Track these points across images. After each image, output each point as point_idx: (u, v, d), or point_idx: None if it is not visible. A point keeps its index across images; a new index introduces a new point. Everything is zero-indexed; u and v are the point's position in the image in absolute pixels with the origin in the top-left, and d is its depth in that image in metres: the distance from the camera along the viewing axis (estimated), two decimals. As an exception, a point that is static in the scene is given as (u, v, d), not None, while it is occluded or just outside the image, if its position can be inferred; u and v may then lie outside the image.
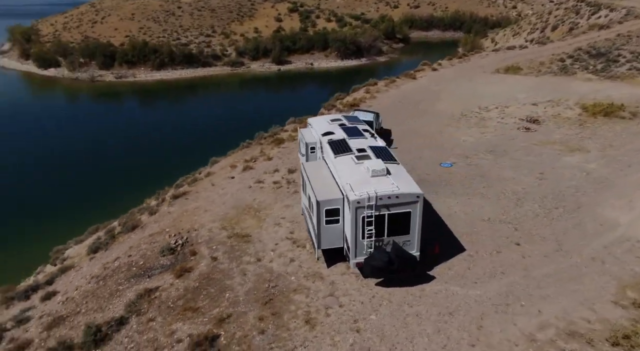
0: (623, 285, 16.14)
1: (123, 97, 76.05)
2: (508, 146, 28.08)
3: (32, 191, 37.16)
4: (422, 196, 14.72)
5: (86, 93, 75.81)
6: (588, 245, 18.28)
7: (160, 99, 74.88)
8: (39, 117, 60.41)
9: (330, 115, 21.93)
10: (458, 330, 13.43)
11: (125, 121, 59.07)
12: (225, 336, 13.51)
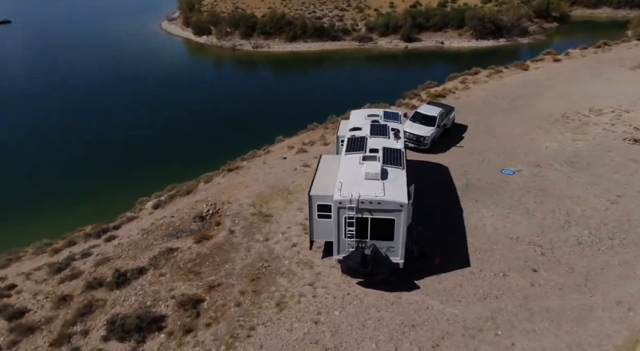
0: (636, 338, 14.60)
1: (256, 65, 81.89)
2: (596, 159, 25.42)
3: (151, 144, 43.31)
4: (406, 205, 14.85)
5: (226, 60, 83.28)
6: (622, 287, 16.58)
7: (287, 70, 79.06)
8: (181, 79, 68.67)
9: (372, 110, 22.21)
10: (411, 344, 13.77)
11: (243, 90, 64.08)
12: (208, 302, 15.66)
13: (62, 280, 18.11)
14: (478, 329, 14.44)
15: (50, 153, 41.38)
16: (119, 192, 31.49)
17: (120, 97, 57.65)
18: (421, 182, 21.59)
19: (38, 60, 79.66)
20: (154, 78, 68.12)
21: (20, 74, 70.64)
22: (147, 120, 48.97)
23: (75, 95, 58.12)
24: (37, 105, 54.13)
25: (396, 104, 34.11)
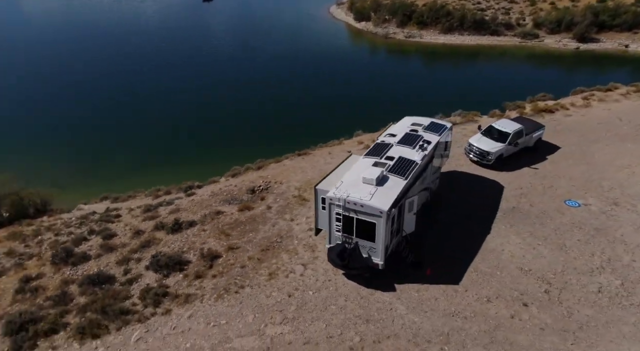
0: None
1: (403, 55, 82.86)
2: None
3: (269, 119, 48.62)
4: (386, 213, 16.45)
5: (376, 47, 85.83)
6: (617, 345, 16.00)
7: (431, 62, 78.51)
8: (323, 60, 73.72)
9: (422, 119, 23.11)
10: (356, 333, 15.77)
11: (375, 76, 66.13)
12: (223, 259, 19.51)
13: (145, 219, 23.72)
14: (427, 340, 15.62)
15: (206, 116, 49.61)
16: (228, 159, 36.61)
17: (262, 75, 64.93)
18: (462, 196, 22.31)
19: (233, 37, 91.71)
20: (299, 57, 74.30)
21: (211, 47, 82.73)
22: (277, 97, 54.81)
23: (233, 71, 67.31)
24: (213, 75, 64.43)
25: (489, 114, 33.37)
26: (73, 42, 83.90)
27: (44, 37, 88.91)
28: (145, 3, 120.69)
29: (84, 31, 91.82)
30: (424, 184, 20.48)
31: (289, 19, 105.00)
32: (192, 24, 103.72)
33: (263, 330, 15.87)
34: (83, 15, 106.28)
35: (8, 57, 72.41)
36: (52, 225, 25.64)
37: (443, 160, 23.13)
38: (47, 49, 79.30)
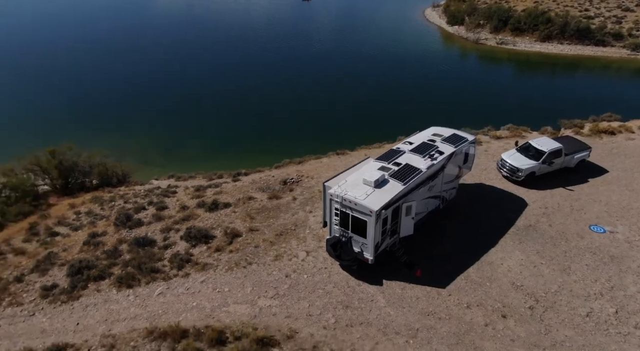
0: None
1: (490, 61, 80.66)
2: None
3: (337, 117, 51.25)
4: (375, 213, 18.23)
5: (464, 52, 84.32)
6: None
7: (520, 71, 75.61)
8: (407, 61, 74.45)
9: (444, 130, 24.10)
10: (333, 316, 17.86)
11: (451, 81, 65.54)
12: (242, 238, 22.48)
13: (193, 197, 27.52)
14: (396, 331, 17.28)
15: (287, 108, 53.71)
16: (289, 152, 39.51)
17: (341, 74, 67.49)
18: (480, 208, 23.17)
19: (323, 35, 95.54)
20: (382, 58, 75.72)
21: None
22: (349, 96, 57.22)
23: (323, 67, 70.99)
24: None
25: (540, 130, 32.89)
26: (177, 37, 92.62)
27: (165, 30, 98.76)
28: (248, 1, 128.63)
29: (190, 27, 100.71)
30: (432, 192, 21.70)
31: (381, 20, 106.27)
32: (290, 21, 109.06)
33: (256, 301, 18.51)
34: (191, 15, 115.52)
35: (123, 45, 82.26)
36: (125, 194, 30.41)
37: (462, 171, 23.96)
38: (159, 43, 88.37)
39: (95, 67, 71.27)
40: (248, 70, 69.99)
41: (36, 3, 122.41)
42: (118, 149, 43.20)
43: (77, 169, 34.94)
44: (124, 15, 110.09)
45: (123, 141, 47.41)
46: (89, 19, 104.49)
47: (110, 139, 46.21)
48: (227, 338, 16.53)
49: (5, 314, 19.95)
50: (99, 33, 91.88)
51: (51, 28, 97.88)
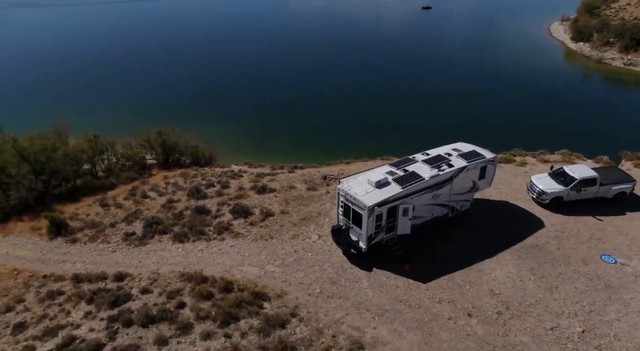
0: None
1: (609, 83, 75.89)
2: None
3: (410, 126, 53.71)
4: (368, 208, 21.61)
5: (580, 72, 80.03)
6: None
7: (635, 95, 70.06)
8: (516, 77, 73.33)
9: (466, 146, 26.18)
10: (319, 287, 21.74)
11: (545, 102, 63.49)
12: (273, 218, 27.10)
13: (251, 181, 32.90)
14: (367, 309, 20.61)
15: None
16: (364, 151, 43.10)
17: (443, 85, 69.32)
18: (493, 223, 25.27)
19: (438, 44, 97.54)
20: (490, 71, 75.53)
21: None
22: (440, 106, 59.41)
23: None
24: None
25: (595, 159, 32.75)
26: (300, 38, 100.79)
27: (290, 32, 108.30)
28: (370, 10, 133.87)
29: (312, 33, 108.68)
30: (437, 200, 24.29)
31: (502, 32, 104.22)
32: (409, 29, 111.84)
33: (264, 266, 23.02)
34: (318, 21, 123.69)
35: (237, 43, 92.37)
36: (205, 173, 36.87)
37: (478, 185, 25.92)
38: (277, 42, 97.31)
39: (210, 68, 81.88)
40: (354, 76, 75.09)
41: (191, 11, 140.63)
42: (216, 137, 50.76)
43: (177, 149, 42.48)
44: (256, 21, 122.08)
45: (222, 130, 55.11)
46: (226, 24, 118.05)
47: (210, 127, 54.13)
48: (233, 288, 21.25)
49: (98, 248, 26.84)
50: (220, 39, 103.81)
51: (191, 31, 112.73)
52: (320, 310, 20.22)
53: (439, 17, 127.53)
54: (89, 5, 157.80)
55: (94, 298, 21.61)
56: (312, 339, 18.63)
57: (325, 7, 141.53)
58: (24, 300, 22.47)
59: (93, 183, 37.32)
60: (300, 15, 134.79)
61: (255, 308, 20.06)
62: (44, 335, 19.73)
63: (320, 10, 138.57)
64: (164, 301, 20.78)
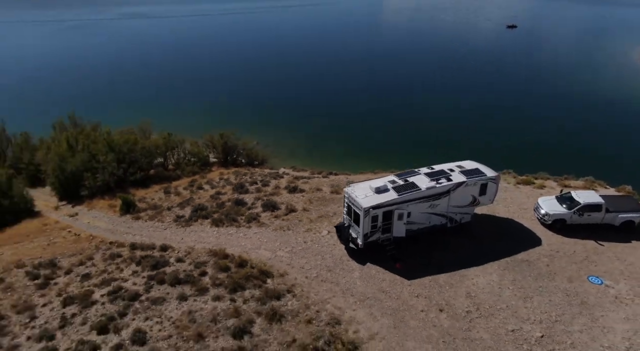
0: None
1: None
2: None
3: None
4: (364, 210, 25.21)
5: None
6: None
7: None
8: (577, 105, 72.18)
9: (475, 164, 28.70)
10: (316, 272, 25.73)
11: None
12: (295, 214, 31.37)
13: (288, 182, 37.55)
14: (352, 294, 24.16)
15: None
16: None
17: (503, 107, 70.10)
18: (491, 237, 27.81)
19: (538, 66, 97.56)
20: (556, 97, 74.88)
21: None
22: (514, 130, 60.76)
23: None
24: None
25: (617, 188, 33.47)
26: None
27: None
28: (457, 27, 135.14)
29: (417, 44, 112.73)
30: (435, 210, 27.22)
31: (586, 54, 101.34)
32: (492, 48, 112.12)
33: (276, 251, 27.40)
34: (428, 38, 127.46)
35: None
36: (254, 173, 42.21)
37: (479, 200, 28.38)
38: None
39: (285, 78, 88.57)
40: (429, 95, 78.27)
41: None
42: (276, 141, 56.40)
43: (235, 150, 48.42)
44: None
45: (282, 136, 60.73)
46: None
47: (272, 133, 59.90)
48: (247, 265, 25.84)
49: (154, 225, 32.76)
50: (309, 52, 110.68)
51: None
52: (312, 290, 24.12)
53: (524, 36, 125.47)
54: (188, 17, 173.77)
55: (141, 261, 27.20)
56: (299, 311, 22.60)
57: (412, 24, 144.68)
58: (93, 258, 28.60)
59: (163, 173, 44.09)
60: (384, 31, 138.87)
61: (260, 282, 24.43)
62: (101, 283, 25.50)
63: (406, 26, 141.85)
64: (191, 269, 25.84)
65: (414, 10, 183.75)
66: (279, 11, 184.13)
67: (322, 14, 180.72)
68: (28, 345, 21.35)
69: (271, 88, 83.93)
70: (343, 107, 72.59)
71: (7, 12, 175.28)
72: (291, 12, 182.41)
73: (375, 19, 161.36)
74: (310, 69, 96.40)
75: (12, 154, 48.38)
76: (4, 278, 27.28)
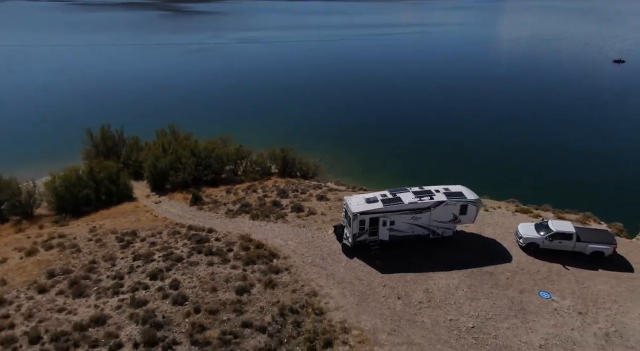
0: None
1: None
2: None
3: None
4: (353, 214, 32.20)
5: None
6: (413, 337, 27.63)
7: None
8: None
9: (461, 188, 34.07)
10: (311, 259, 33.23)
11: None
12: (315, 216, 39.20)
13: (321, 192, 45.47)
14: (333, 277, 31.18)
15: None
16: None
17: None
18: (467, 252, 33.23)
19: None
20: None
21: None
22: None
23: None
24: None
25: (610, 224, 36.47)
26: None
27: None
28: (562, 58, 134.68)
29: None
30: (417, 222, 33.24)
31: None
32: (589, 83, 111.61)
33: (287, 241, 35.19)
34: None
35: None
36: (301, 183, 50.69)
37: (460, 219, 33.81)
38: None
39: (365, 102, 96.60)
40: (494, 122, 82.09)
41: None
42: (335, 158, 64.69)
43: (294, 163, 57.37)
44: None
45: (342, 155, 68.72)
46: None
47: (336, 151, 68.18)
48: (262, 247, 34.06)
49: (210, 215, 42.37)
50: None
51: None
52: (304, 271, 31.58)
53: (629, 72, 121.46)
54: (292, 43, 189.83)
55: (191, 237, 36.61)
56: (289, 283, 30.17)
57: (513, 54, 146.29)
58: (161, 233, 38.61)
59: (231, 177, 54.30)
60: (488, 62, 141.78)
61: (267, 260, 32.43)
62: (161, 249, 35.16)
63: (507, 56, 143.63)
64: (222, 246, 34.62)
65: (521, 41, 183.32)
66: (381, 38, 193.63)
67: (433, 41, 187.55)
68: (107, 280, 31.29)
69: (353, 112, 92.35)
70: (418, 134, 78.63)
71: (141, 36, 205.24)
72: (394, 39, 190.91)
73: (485, 50, 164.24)
74: (399, 96, 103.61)
75: (124, 153, 61.86)
76: (101, 238, 38.14)
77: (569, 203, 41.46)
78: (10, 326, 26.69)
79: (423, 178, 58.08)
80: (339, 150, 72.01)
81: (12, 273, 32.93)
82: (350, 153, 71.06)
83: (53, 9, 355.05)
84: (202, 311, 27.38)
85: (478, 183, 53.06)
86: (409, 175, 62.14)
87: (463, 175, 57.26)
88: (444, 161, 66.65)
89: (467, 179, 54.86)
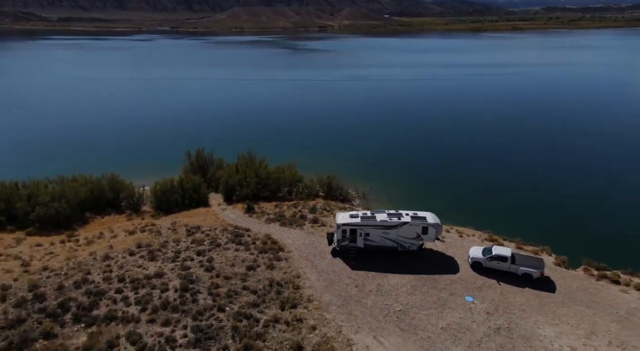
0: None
1: None
2: None
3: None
4: (337, 224, 44.33)
5: None
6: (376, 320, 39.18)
7: None
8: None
9: (428, 214, 44.39)
10: (305, 255, 45.85)
11: None
12: (323, 227, 51.95)
13: (340, 209, 57.99)
14: (316, 269, 43.43)
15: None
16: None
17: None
18: (430, 263, 43.78)
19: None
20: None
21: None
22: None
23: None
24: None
25: (580, 268, 43.93)
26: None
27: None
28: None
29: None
30: (387, 236, 44.15)
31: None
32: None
33: (295, 241, 47.99)
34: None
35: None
36: (334, 204, 63.44)
37: (422, 238, 44.05)
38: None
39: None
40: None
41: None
42: (385, 187, 76.09)
43: (337, 188, 70.26)
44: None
45: (398, 185, 79.28)
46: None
47: (391, 181, 79.24)
48: (276, 243, 47.45)
49: (255, 220, 56.96)
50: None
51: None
52: (297, 262, 44.18)
53: None
54: (395, 81, 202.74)
55: (233, 233, 51.29)
56: (283, 268, 43.03)
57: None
58: (216, 229, 53.77)
59: (285, 197, 68.51)
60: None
61: (275, 251, 45.64)
62: (210, 239, 50.21)
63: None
64: (250, 241, 48.57)
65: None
66: (486, 78, 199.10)
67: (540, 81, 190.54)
68: (170, 253, 46.71)
69: (428, 152, 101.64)
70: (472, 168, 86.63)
71: (259, 72, 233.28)
72: (477, 80, 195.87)
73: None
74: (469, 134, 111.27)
75: (211, 170, 79.48)
76: (177, 229, 54.28)
77: (547, 240, 48.50)
78: (110, 271, 42.81)
79: (456, 213, 66.85)
80: (395, 181, 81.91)
81: (118, 243, 49.83)
82: (403, 184, 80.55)
83: (192, 46, 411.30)
84: (220, 277, 41.27)
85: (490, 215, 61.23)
86: (449, 208, 70.69)
87: (486, 214, 65.19)
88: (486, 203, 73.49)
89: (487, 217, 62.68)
